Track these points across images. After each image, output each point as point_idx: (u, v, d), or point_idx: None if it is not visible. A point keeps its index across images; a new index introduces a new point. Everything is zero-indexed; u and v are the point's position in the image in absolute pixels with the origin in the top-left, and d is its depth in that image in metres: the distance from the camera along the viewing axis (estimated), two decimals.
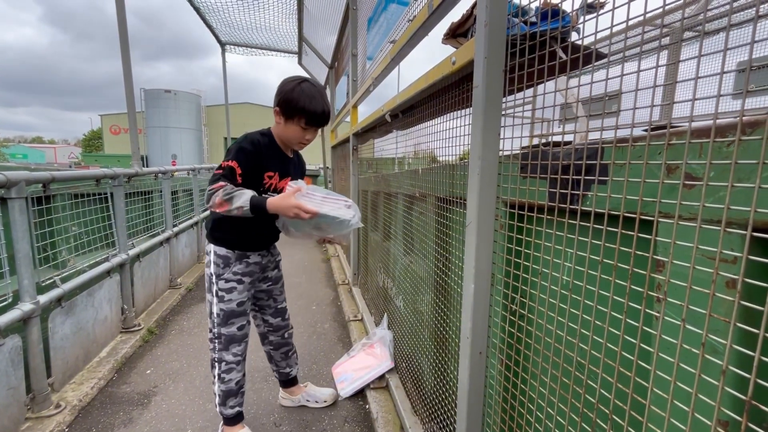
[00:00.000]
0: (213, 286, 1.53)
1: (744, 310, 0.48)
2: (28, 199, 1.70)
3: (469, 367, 0.96)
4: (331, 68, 5.76)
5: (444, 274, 1.36)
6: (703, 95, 0.51)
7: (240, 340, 1.58)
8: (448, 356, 1.36)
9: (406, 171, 1.91)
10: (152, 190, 3.41)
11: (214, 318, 1.54)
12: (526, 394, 0.89)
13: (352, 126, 3.10)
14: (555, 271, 0.78)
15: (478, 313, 0.93)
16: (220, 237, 1.53)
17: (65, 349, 1.96)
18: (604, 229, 0.64)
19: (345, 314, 3.01)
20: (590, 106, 0.67)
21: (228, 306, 1.52)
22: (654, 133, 0.60)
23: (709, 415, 0.50)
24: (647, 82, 0.57)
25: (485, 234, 0.90)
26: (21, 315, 1.63)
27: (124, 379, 2.14)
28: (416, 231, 1.69)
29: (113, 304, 2.44)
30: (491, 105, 0.85)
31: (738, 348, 0.47)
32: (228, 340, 1.55)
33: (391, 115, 1.84)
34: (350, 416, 1.86)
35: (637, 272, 0.60)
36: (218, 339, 1.55)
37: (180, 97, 22.31)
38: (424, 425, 1.55)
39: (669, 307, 0.56)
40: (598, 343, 0.67)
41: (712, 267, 0.50)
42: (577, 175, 0.72)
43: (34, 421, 1.68)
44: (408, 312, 1.85)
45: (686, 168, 0.55)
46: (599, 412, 0.67)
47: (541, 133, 0.83)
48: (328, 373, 2.23)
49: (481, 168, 0.87)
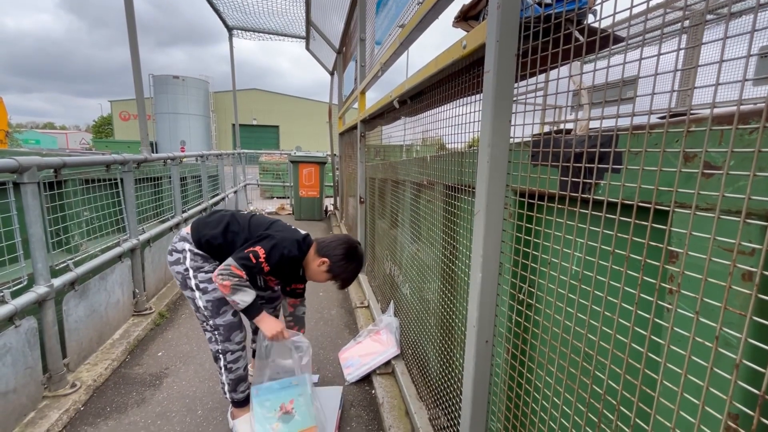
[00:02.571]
0: (190, 281, 1.53)
1: (761, 303, 0.47)
2: (40, 184, 1.72)
3: (475, 355, 0.96)
4: (339, 53, 5.68)
5: (451, 263, 1.36)
6: (724, 80, 0.48)
7: (239, 326, 1.58)
8: (454, 344, 1.36)
9: (414, 158, 1.89)
10: (161, 176, 3.43)
11: (203, 312, 1.53)
12: (532, 383, 0.89)
13: (360, 112, 3.07)
14: (564, 261, 0.77)
15: (485, 302, 0.93)
16: (206, 251, 1.56)
17: (79, 331, 2.01)
18: (617, 219, 0.63)
19: (352, 301, 3.04)
20: (606, 93, 0.65)
21: (213, 295, 1.52)
22: (672, 120, 0.58)
23: (720, 408, 0.49)
24: (664, 67, 0.55)
25: (494, 223, 0.89)
26: (36, 297, 1.67)
27: (137, 360, 2.20)
28: (424, 219, 1.68)
29: (125, 288, 2.49)
30: (502, 91, 0.83)
31: (753, 342, 0.46)
32: (228, 329, 1.54)
33: (399, 102, 1.81)
34: (356, 400, 1.89)
35: (650, 263, 0.59)
36: (216, 330, 1.54)
37: (188, 83, 22.32)
38: (428, 410, 1.57)
39: (682, 299, 0.55)
40: (607, 334, 0.66)
41: (728, 259, 0.49)
42: (590, 164, 0.70)
43: (51, 399, 1.74)
44: (414, 299, 1.86)
45: (705, 156, 0.53)
46: (606, 402, 0.66)
47: (553, 120, 0.81)
48: (335, 358, 2.26)
49: (491, 156, 0.86)
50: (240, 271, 1.42)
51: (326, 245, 1.58)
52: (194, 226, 1.59)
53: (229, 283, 1.41)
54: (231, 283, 1.41)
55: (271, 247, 1.48)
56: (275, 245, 1.49)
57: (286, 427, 1.51)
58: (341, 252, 1.56)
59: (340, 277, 1.60)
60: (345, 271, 1.59)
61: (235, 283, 1.42)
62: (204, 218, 1.62)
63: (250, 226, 1.58)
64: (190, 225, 1.61)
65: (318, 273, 1.59)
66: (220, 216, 1.61)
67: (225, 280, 1.41)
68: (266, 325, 1.52)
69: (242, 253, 1.45)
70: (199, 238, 1.55)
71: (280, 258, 1.48)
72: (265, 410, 1.54)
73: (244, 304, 1.45)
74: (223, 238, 1.54)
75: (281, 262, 1.49)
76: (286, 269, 1.58)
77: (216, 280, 1.42)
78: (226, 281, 1.41)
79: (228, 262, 1.44)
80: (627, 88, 0.64)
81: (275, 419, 1.53)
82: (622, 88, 0.61)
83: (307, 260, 1.59)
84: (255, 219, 1.63)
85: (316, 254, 1.58)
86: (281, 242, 1.50)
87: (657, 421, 0.57)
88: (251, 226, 1.58)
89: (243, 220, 1.61)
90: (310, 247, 1.60)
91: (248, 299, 1.45)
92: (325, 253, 1.56)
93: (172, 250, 1.58)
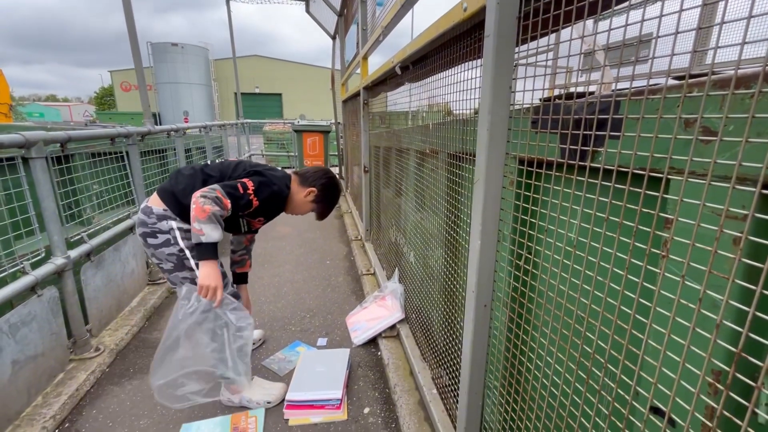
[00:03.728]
0: (189, 261, 1.44)
1: (747, 268, 0.48)
2: (48, 158, 1.75)
3: (474, 318, 1.00)
4: (340, 16, 5.47)
5: (454, 231, 1.38)
6: (728, 42, 0.47)
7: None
8: (455, 308, 1.41)
9: (417, 126, 1.87)
10: (166, 148, 3.44)
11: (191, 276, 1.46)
12: (527, 344, 0.93)
13: (363, 79, 3.00)
14: (561, 228, 0.78)
15: (484, 268, 0.96)
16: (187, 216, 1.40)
17: (98, 299, 2.10)
18: (612, 186, 0.63)
19: (358, 268, 3.11)
20: (607, 55, 0.63)
21: None
22: (672, 84, 0.57)
23: (699, 365, 0.52)
24: (668, 28, 0.53)
25: (493, 190, 0.90)
26: (55, 268, 1.74)
27: (155, 326, 2.31)
28: (427, 187, 1.69)
29: (138, 259, 2.57)
30: (502, 55, 0.81)
31: (734, 303, 0.48)
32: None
33: (401, 67, 1.77)
34: (363, 362, 1.99)
35: (642, 229, 0.60)
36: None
37: (188, 50, 21.75)
38: (432, 370, 1.65)
39: (671, 263, 0.57)
40: (598, 297, 0.68)
41: (718, 224, 0.50)
42: (590, 130, 0.69)
43: (77, 362, 1.86)
44: (418, 266, 1.90)
45: (704, 122, 0.53)
46: (595, 361, 0.70)
47: (553, 85, 0.79)
48: (342, 323, 2.35)
49: (491, 123, 0.85)
50: (226, 199, 1.32)
51: (310, 176, 1.63)
52: (168, 196, 1.43)
53: (210, 209, 1.28)
54: (211, 209, 1.28)
55: (260, 183, 1.43)
56: (265, 182, 1.45)
57: None
58: (326, 181, 1.64)
59: (324, 204, 1.67)
60: (329, 199, 1.66)
61: (215, 212, 1.30)
62: (171, 184, 1.47)
63: (228, 169, 1.51)
64: (158, 197, 1.44)
65: (303, 204, 1.63)
66: (190, 173, 1.48)
67: (207, 204, 1.28)
68: (207, 272, 1.34)
69: (231, 183, 1.37)
70: (180, 206, 1.42)
71: (271, 195, 1.46)
72: None
73: (209, 239, 1.30)
74: None
75: (270, 199, 1.46)
76: (272, 207, 1.55)
77: (196, 201, 1.29)
78: (207, 206, 1.28)
79: (214, 186, 1.33)
80: (630, 51, 0.62)
81: None
82: (623, 50, 0.60)
83: (292, 193, 1.61)
84: (227, 163, 1.57)
85: (300, 186, 1.62)
86: (272, 179, 1.48)
87: (640, 376, 0.60)
88: (231, 170, 1.51)
89: (218, 168, 1.53)
90: (291, 180, 1.63)
91: (215, 236, 1.32)
92: (311, 183, 1.62)
93: (155, 232, 1.42)
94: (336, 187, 1.69)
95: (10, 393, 1.48)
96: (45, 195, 1.73)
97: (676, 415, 0.57)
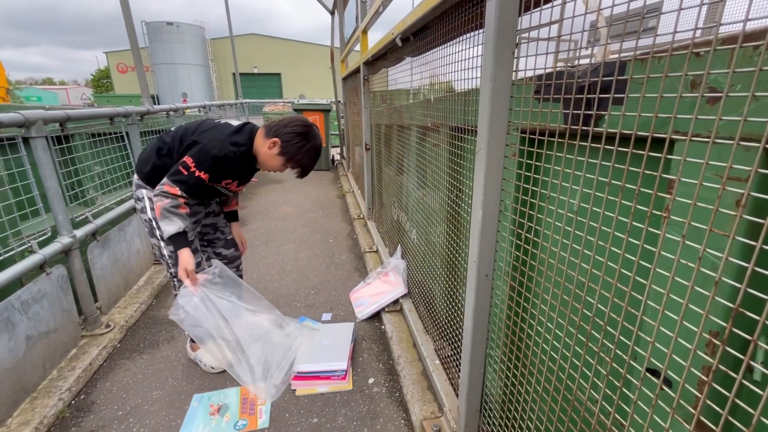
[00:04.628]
0: (156, 231, 1.53)
1: (748, 225, 0.48)
2: (48, 138, 1.75)
3: (476, 288, 1.01)
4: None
5: (456, 205, 1.38)
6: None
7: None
8: (457, 281, 1.43)
9: (418, 101, 1.85)
10: (166, 128, 3.42)
11: (167, 260, 1.56)
12: (528, 312, 0.94)
13: (363, 54, 2.94)
14: (563, 195, 0.78)
15: (486, 239, 0.96)
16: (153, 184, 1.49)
17: (106, 278, 2.14)
18: (615, 150, 0.63)
19: (361, 246, 3.13)
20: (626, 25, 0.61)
21: None
22: (678, 43, 0.56)
23: (697, 323, 0.53)
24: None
25: (495, 159, 0.90)
26: (62, 247, 1.77)
27: (162, 303, 2.36)
28: (429, 163, 1.68)
29: (143, 238, 2.60)
30: (505, 21, 0.79)
31: (735, 261, 0.48)
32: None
33: (402, 39, 1.73)
34: (367, 335, 2.03)
35: (644, 191, 0.60)
36: (176, 278, 1.57)
37: (183, 29, 21.27)
38: (434, 342, 1.69)
39: (672, 224, 0.57)
40: (599, 262, 0.69)
41: (720, 184, 0.50)
42: (593, 95, 0.68)
43: (89, 338, 1.91)
44: (420, 242, 1.92)
45: (710, 81, 0.52)
46: (595, 324, 0.71)
47: (557, 50, 0.77)
48: (346, 299, 2.39)
49: (493, 91, 0.84)
50: (174, 188, 1.35)
51: (275, 125, 1.45)
52: (137, 166, 1.54)
53: (161, 205, 1.35)
54: (162, 205, 1.35)
55: (197, 152, 1.37)
56: (202, 149, 1.37)
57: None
58: (292, 130, 1.42)
59: (294, 159, 1.45)
60: (299, 152, 1.43)
61: (167, 206, 1.35)
62: (141, 153, 1.55)
63: (179, 138, 1.47)
64: (136, 168, 1.55)
65: (269, 157, 1.45)
66: (152, 142, 1.54)
67: (158, 201, 1.36)
68: (181, 258, 1.42)
69: (174, 169, 1.38)
70: (144, 175, 1.49)
71: (214, 160, 1.37)
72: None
73: (167, 233, 1.38)
74: (161, 161, 1.46)
75: (218, 165, 1.38)
76: (232, 168, 1.45)
77: (154, 199, 1.38)
78: (158, 203, 1.35)
79: (162, 181, 1.37)
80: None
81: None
82: (625, 18, 0.58)
83: (256, 147, 1.47)
84: (183, 129, 1.51)
85: (265, 138, 1.45)
86: (208, 144, 1.38)
87: (639, 336, 0.62)
88: (182, 138, 1.47)
89: (172, 134, 1.51)
90: (254, 133, 1.48)
91: (171, 229, 1.38)
92: (274, 133, 1.43)
93: (136, 198, 1.55)
94: (306, 136, 1.45)
95: (26, 367, 1.53)
96: (48, 175, 1.73)
97: (674, 374, 0.58)
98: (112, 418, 1.52)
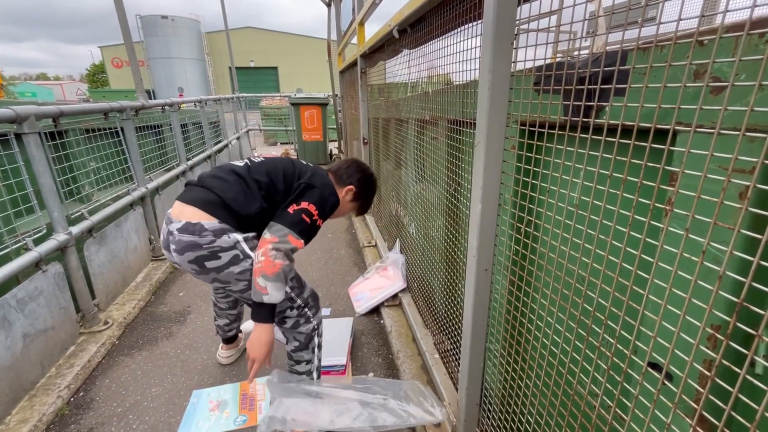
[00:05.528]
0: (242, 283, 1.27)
1: (753, 217, 0.47)
2: (41, 134, 1.72)
3: (475, 283, 1.01)
4: None
5: (455, 198, 1.37)
6: None
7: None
8: (456, 276, 1.42)
9: (416, 94, 1.83)
10: (162, 123, 3.39)
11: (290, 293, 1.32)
12: (528, 306, 0.94)
13: (360, 46, 2.90)
14: (563, 188, 0.77)
15: (485, 233, 0.95)
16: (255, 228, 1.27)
17: (104, 274, 2.13)
18: (616, 141, 0.62)
19: (359, 241, 3.13)
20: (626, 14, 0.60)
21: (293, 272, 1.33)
22: (683, 32, 0.54)
23: (699, 317, 0.52)
24: None
25: (494, 152, 0.88)
26: (57, 244, 1.75)
27: (160, 300, 2.35)
28: (428, 157, 1.67)
29: (140, 235, 2.59)
30: (504, 11, 0.77)
31: (739, 254, 0.47)
32: (314, 296, 1.43)
33: (399, 31, 1.71)
34: (367, 330, 2.03)
35: (646, 184, 0.59)
36: (307, 306, 1.37)
37: (178, 23, 21.06)
38: (434, 336, 1.69)
39: (675, 217, 0.56)
40: (599, 256, 0.68)
41: (725, 176, 0.49)
42: (594, 86, 0.67)
43: (87, 335, 1.90)
44: (419, 236, 1.91)
45: (714, 71, 0.51)
46: (595, 318, 0.71)
47: (557, 39, 0.76)
48: (345, 293, 2.38)
49: (491, 82, 0.82)
50: (299, 241, 1.18)
51: (343, 172, 1.46)
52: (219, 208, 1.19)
53: (281, 264, 1.13)
54: (282, 265, 1.13)
55: (318, 198, 1.26)
56: (322, 196, 1.27)
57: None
58: (362, 175, 1.48)
59: (365, 200, 1.53)
60: (369, 194, 1.53)
61: (285, 268, 1.14)
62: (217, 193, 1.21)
63: (282, 178, 1.30)
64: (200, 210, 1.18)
65: (345, 205, 1.47)
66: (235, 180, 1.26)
67: (278, 259, 1.13)
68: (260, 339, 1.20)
69: (292, 217, 1.20)
70: (243, 218, 1.22)
71: (331, 209, 1.31)
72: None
73: (271, 299, 1.15)
74: (267, 204, 1.25)
75: (330, 213, 1.33)
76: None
77: (266, 252, 1.13)
78: (279, 261, 1.13)
79: (284, 230, 1.16)
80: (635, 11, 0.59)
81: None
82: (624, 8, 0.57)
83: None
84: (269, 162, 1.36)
85: (338, 187, 1.42)
86: (323, 189, 1.29)
87: (640, 331, 0.61)
88: (285, 177, 1.30)
89: (260, 168, 1.32)
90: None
91: (278, 296, 1.16)
92: (347, 181, 1.45)
93: (216, 252, 1.16)
94: (372, 177, 1.52)
95: (24, 365, 1.52)
96: (42, 171, 1.71)
97: (675, 368, 0.58)
98: (111, 415, 1.51)
